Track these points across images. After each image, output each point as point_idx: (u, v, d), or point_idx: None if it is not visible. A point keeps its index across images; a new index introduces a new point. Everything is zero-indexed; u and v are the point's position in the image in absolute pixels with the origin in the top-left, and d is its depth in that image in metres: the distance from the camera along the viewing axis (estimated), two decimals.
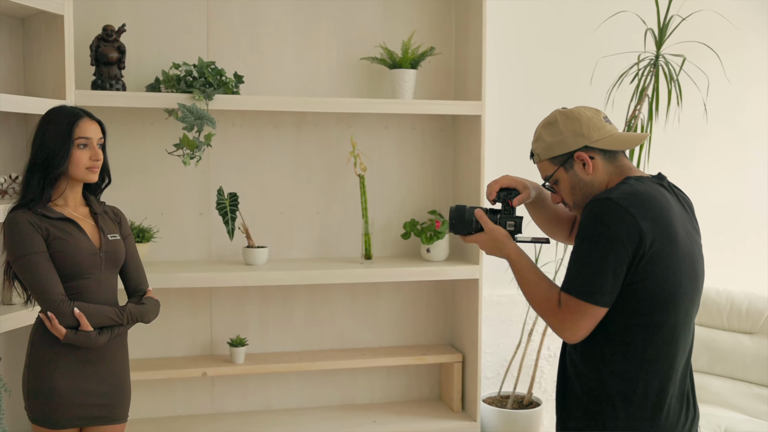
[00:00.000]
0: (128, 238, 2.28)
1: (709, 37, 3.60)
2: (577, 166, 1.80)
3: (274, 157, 3.53)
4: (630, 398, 1.70)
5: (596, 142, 1.79)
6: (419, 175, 3.68)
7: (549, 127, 1.84)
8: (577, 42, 3.80)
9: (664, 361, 1.71)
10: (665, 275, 1.68)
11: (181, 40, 3.37)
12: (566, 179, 1.82)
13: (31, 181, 2.09)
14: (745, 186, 4.11)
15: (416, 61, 3.42)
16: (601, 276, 1.65)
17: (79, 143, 2.10)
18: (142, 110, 3.28)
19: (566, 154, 1.80)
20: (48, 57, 2.91)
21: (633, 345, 1.70)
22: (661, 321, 1.69)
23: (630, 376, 1.71)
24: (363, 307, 3.68)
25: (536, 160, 1.88)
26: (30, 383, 2.13)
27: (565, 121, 1.80)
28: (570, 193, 1.83)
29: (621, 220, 1.65)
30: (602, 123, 1.81)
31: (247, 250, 3.33)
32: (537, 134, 1.87)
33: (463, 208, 1.94)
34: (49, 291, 2.05)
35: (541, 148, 1.84)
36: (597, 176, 1.80)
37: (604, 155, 1.80)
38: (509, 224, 1.92)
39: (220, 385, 3.54)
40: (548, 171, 1.85)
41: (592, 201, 1.72)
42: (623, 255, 1.65)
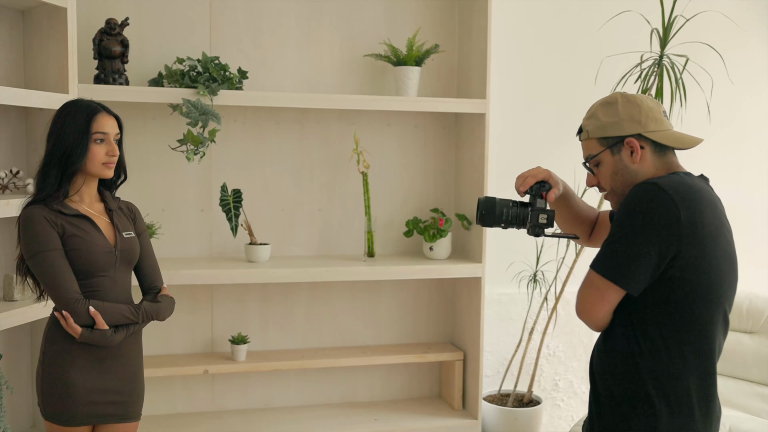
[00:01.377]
0: (143, 234, 2.25)
1: (712, 37, 3.61)
2: (625, 152, 1.75)
3: (275, 154, 3.51)
4: (669, 397, 1.67)
5: (651, 132, 1.74)
6: (421, 173, 3.67)
7: (607, 106, 1.78)
8: (580, 42, 3.80)
9: (702, 357, 1.68)
10: (706, 270, 1.64)
11: (183, 35, 3.34)
12: (610, 163, 1.77)
13: (48, 176, 2.06)
14: (746, 185, 4.13)
15: (421, 58, 3.41)
16: (635, 259, 1.62)
17: (96, 138, 2.08)
18: (144, 105, 3.25)
19: (618, 137, 1.75)
20: (50, 50, 2.88)
21: (667, 339, 1.66)
22: (700, 316, 1.66)
23: (669, 373, 1.67)
24: (364, 305, 3.67)
25: (584, 137, 1.82)
26: (44, 380, 2.10)
27: (625, 104, 1.76)
28: (610, 177, 1.79)
29: (664, 207, 1.61)
30: (661, 116, 1.77)
31: (249, 247, 3.31)
32: (592, 111, 1.81)
33: (494, 201, 1.88)
34: (65, 289, 2.02)
35: (593, 125, 1.79)
36: (642, 167, 1.75)
37: (655, 148, 1.75)
38: (542, 217, 1.87)
39: (221, 383, 3.52)
40: (593, 150, 1.80)
41: (638, 185, 1.68)
42: (656, 241, 1.61)
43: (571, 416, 3.94)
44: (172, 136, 3.25)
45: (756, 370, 3.20)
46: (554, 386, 3.91)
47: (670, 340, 1.67)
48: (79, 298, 2.02)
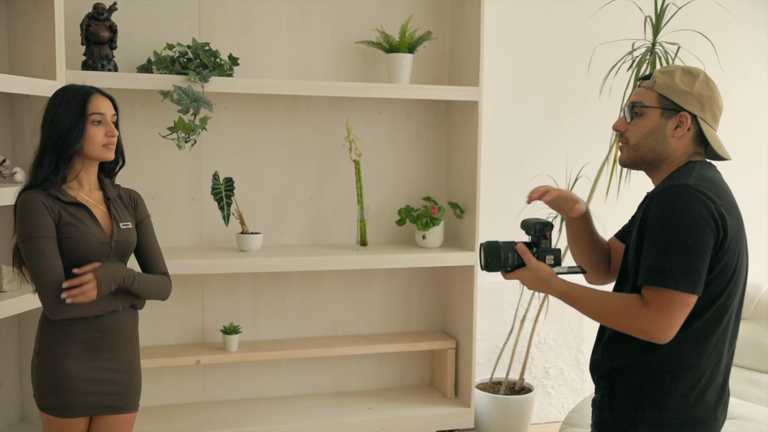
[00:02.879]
0: (145, 220, 2.20)
1: (704, 25, 3.62)
2: (672, 122, 1.73)
3: (266, 142, 3.46)
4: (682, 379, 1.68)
5: (704, 122, 1.74)
6: (413, 162, 3.65)
7: (687, 75, 1.75)
8: (572, 29, 3.79)
9: (722, 344, 1.70)
10: (734, 261, 1.66)
11: (172, 21, 3.28)
12: (654, 121, 1.74)
13: (44, 161, 2.01)
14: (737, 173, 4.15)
15: (413, 45, 3.38)
16: (694, 262, 1.60)
17: (93, 119, 2.03)
18: (132, 92, 3.19)
19: (677, 105, 1.72)
20: (36, 35, 2.81)
21: (690, 331, 1.67)
22: (721, 304, 1.67)
23: (685, 360, 1.67)
24: (356, 294, 3.65)
25: (649, 84, 1.76)
26: (40, 371, 2.06)
27: (703, 84, 1.74)
28: (644, 134, 1.75)
29: (705, 205, 1.61)
30: (719, 116, 1.78)
31: (241, 237, 3.27)
32: (671, 69, 1.77)
33: (497, 245, 1.83)
34: (47, 279, 1.97)
35: (665, 81, 1.74)
36: (676, 144, 1.74)
37: (696, 136, 1.75)
38: (548, 258, 1.83)
39: (212, 373, 3.49)
40: (647, 101, 1.75)
41: (670, 188, 1.65)
42: (710, 239, 1.61)
43: (562, 403, 3.96)
44: (161, 123, 3.19)
45: (747, 356, 3.22)
46: (545, 374, 3.92)
47: (693, 330, 1.67)
48: (60, 290, 1.97)
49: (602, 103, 3.62)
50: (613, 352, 1.77)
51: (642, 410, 1.70)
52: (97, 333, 2.06)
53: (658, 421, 1.68)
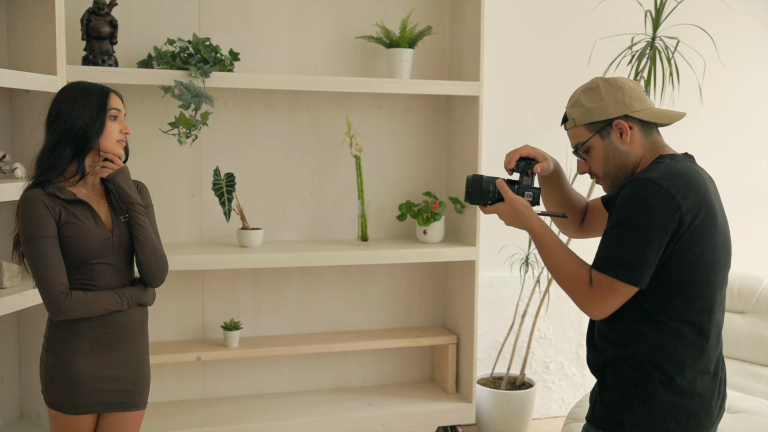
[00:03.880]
0: (148, 209, 2.18)
1: (704, 19, 3.62)
2: (614, 135, 1.76)
3: (266, 138, 3.45)
4: (669, 372, 1.69)
5: (637, 112, 1.75)
6: (413, 157, 3.65)
7: (589, 92, 1.78)
8: (572, 24, 3.80)
9: (707, 334, 1.70)
10: (703, 252, 1.67)
11: (172, 16, 3.27)
12: (600, 147, 1.78)
13: (60, 156, 1.99)
14: (736, 168, 4.17)
15: (414, 40, 3.37)
16: (641, 257, 1.64)
17: (111, 115, 2.04)
18: (132, 87, 3.17)
19: (605, 120, 1.76)
20: (36, 31, 2.80)
21: (672, 323, 1.69)
22: (698, 295, 1.68)
23: (666, 350, 1.69)
24: (356, 290, 3.64)
25: (570, 125, 1.81)
26: (48, 367, 2.04)
27: (608, 88, 1.77)
28: (602, 162, 1.79)
29: (662, 200, 1.63)
30: (643, 95, 1.79)
31: (242, 232, 3.26)
32: (575, 99, 1.81)
33: (481, 178, 1.88)
34: (50, 280, 1.96)
35: (578, 113, 1.79)
36: (632, 147, 1.77)
37: (642, 127, 1.77)
38: (527, 194, 1.86)
39: (213, 370, 3.48)
40: (582, 137, 1.79)
41: (632, 181, 1.69)
42: (663, 236, 1.64)
43: (562, 398, 3.96)
44: (161, 119, 3.18)
45: (748, 349, 3.23)
46: (545, 369, 3.93)
47: (673, 322, 1.69)
48: (64, 291, 1.96)
49: None
50: (601, 344, 1.79)
51: (631, 402, 1.72)
52: (107, 329, 2.05)
53: (648, 413, 1.70)
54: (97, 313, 2.02)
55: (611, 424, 1.74)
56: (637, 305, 1.70)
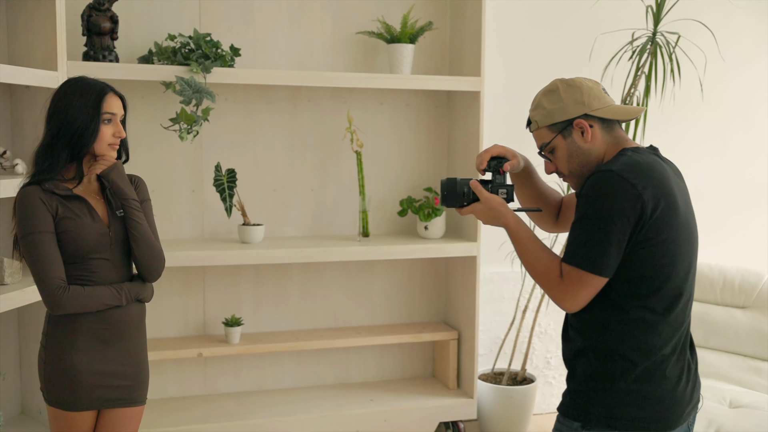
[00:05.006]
0: (146, 202, 2.17)
1: (704, 14, 3.62)
2: (576, 134, 1.82)
3: (267, 133, 3.45)
4: (633, 359, 1.73)
5: (596, 110, 1.81)
6: (414, 152, 3.64)
7: (549, 94, 1.84)
8: (573, 19, 3.79)
9: (672, 323, 1.75)
10: (665, 241, 1.71)
11: (172, 12, 3.26)
12: (564, 147, 1.83)
13: (57, 157, 1.99)
14: (736, 162, 4.17)
15: (415, 35, 3.37)
16: (606, 247, 1.68)
17: (105, 118, 2.02)
18: (133, 83, 3.16)
19: (566, 121, 1.81)
20: (36, 26, 2.79)
21: (635, 311, 1.73)
22: (660, 286, 1.72)
23: (633, 340, 1.74)
24: (357, 286, 3.64)
25: (534, 127, 1.88)
26: (47, 364, 2.04)
27: (567, 89, 1.82)
28: (567, 161, 1.84)
29: (624, 192, 1.67)
30: (602, 93, 1.84)
31: (243, 228, 3.26)
32: (536, 102, 1.87)
33: (454, 181, 1.92)
34: (48, 275, 1.96)
35: (540, 115, 1.85)
36: (595, 145, 1.82)
37: (603, 125, 1.82)
38: (501, 192, 1.92)
39: (214, 366, 3.48)
40: (546, 138, 1.85)
41: (594, 173, 1.73)
42: (626, 226, 1.68)
43: None
44: (162, 114, 3.17)
45: (749, 344, 3.24)
46: (546, 364, 3.93)
47: (632, 310, 1.73)
48: (62, 285, 1.96)
49: None
50: (572, 336, 1.84)
51: (595, 391, 1.76)
52: (105, 325, 2.04)
53: (612, 400, 1.74)
54: (95, 308, 2.01)
55: (578, 413, 1.78)
56: (602, 295, 1.74)
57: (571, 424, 1.78)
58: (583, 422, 1.76)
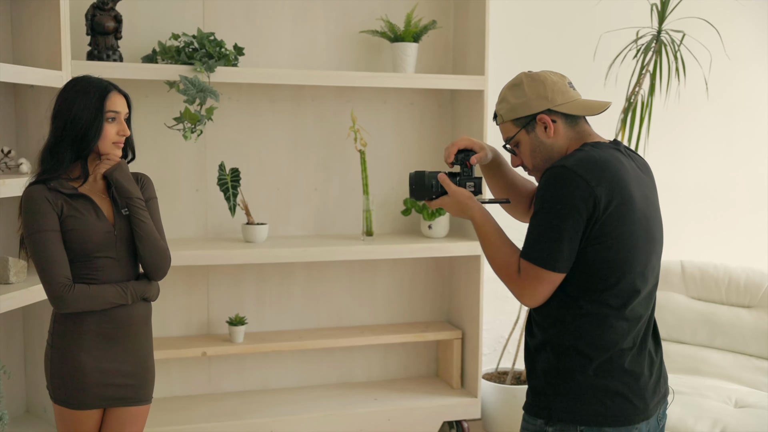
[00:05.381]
0: (151, 201, 2.17)
1: (709, 13, 3.61)
2: (539, 129, 1.81)
3: (270, 132, 3.45)
4: (588, 354, 1.74)
5: (559, 106, 1.80)
6: (417, 151, 3.64)
7: (514, 89, 1.84)
8: (578, 17, 3.78)
9: (619, 319, 1.74)
10: (620, 237, 1.71)
11: (176, 11, 3.26)
12: (527, 142, 1.83)
13: (61, 157, 1.99)
14: (741, 161, 4.16)
15: (418, 34, 3.37)
16: (559, 243, 1.68)
17: (108, 117, 2.02)
18: (137, 82, 3.17)
19: (529, 116, 1.81)
20: (40, 25, 2.79)
21: (590, 306, 1.73)
22: (616, 282, 1.72)
23: (588, 335, 1.74)
24: (361, 285, 3.64)
25: (499, 121, 1.88)
26: (54, 362, 2.04)
27: (530, 84, 1.82)
28: (530, 155, 1.85)
29: (576, 187, 1.67)
30: (566, 88, 1.83)
31: (247, 227, 3.26)
32: (502, 95, 1.87)
33: (422, 174, 1.93)
34: (54, 274, 1.96)
35: (504, 109, 1.85)
36: (557, 140, 1.82)
37: (566, 120, 1.82)
38: (468, 185, 1.92)
39: (218, 365, 3.48)
40: (510, 132, 1.85)
41: (549, 169, 1.74)
42: (579, 221, 1.68)
43: None
44: (166, 114, 3.18)
45: (755, 343, 3.23)
46: None
47: (588, 306, 1.73)
48: (67, 284, 1.97)
49: (608, 92, 3.59)
50: (530, 331, 1.85)
51: (556, 388, 1.76)
52: (111, 324, 2.05)
53: (572, 396, 1.75)
54: (101, 306, 2.02)
55: (540, 410, 1.79)
56: (559, 290, 1.74)
57: (534, 421, 1.80)
58: (546, 419, 1.77)
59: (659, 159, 3.94)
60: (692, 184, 4.09)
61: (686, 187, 4.09)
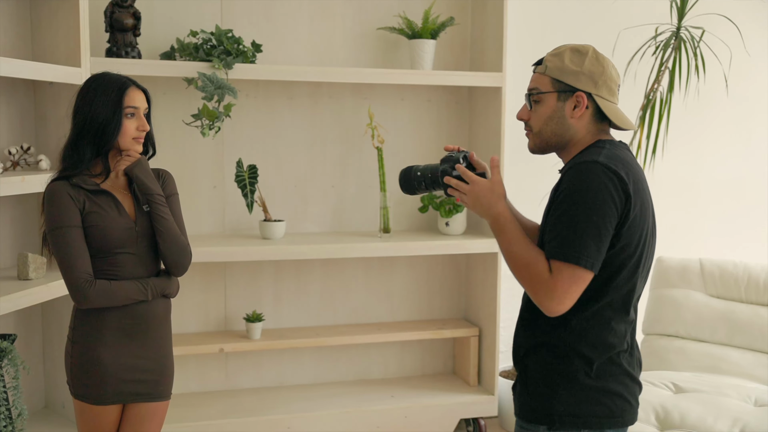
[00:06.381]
0: (172, 197, 2.18)
1: (729, 9, 3.58)
2: (570, 104, 1.74)
3: (288, 129, 3.45)
4: (590, 357, 1.70)
5: (600, 98, 1.74)
6: (435, 148, 3.63)
7: (576, 54, 1.76)
8: (596, 13, 3.76)
9: (620, 321, 1.72)
10: (637, 241, 1.68)
11: (194, 8, 3.27)
12: (551, 106, 1.76)
13: (82, 153, 2.00)
14: (761, 158, 4.12)
15: (436, 31, 3.36)
16: (598, 239, 1.61)
17: (127, 112, 2.02)
18: (155, 79, 3.17)
19: (571, 87, 1.74)
20: (60, 22, 2.80)
21: (597, 308, 1.69)
22: (622, 284, 1.70)
23: (591, 337, 1.70)
24: (378, 282, 3.64)
25: (541, 70, 1.79)
26: (74, 358, 2.05)
27: (593, 60, 1.75)
28: (544, 120, 1.77)
29: (611, 181, 1.63)
30: (615, 88, 1.78)
31: (264, 224, 3.26)
32: (560, 51, 1.79)
33: (410, 167, 1.89)
34: (75, 269, 1.97)
35: (555, 64, 1.76)
36: (578, 124, 1.75)
37: (595, 113, 1.76)
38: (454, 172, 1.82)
39: (235, 361, 3.49)
40: (543, 87, 1.77)
41: (579, 164, 1.67)
42: (613, 217, 1.63)
43: None
44: (183, 110, 3.18)
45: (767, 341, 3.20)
46: None
47: (598, 305, 1.69)
48: (89, 279, 1.97)
49: (627, 89, 3.57)
50: (525, 333, 1.80)
51: (557, 391, 1.72)
52: (131, 320, 2.06)
53: (574, 400, 1.71)
54: (122, 302, 2.02)
55: (542, 416, 1.73)
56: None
57: (536, 428, 1.74)
58: (548, 424, 1.72)
59: (678, 156, 3.93)
60: (711, 181, 4.06)
61: (706, 184, 4.06)
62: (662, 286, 3.46)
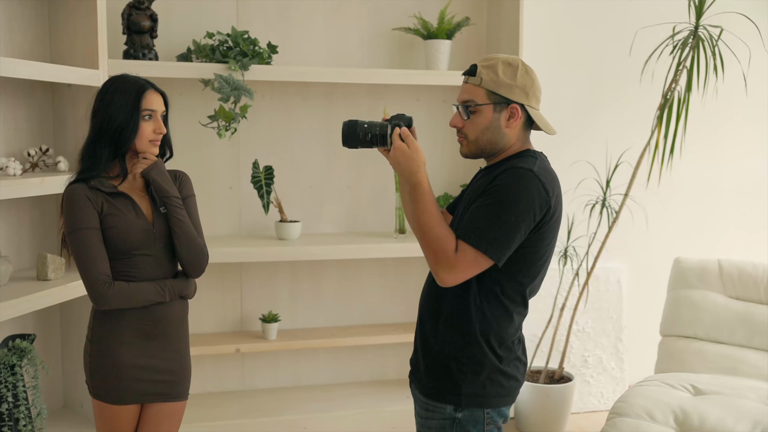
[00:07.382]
0: (189, 198, 2.19)
1: (747, 7, 3.54)
2: (505, 115, 1.85)
3: (303, 130, 3.46)
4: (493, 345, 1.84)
5: (531, 108, 1.86)
6: (450, 149, 3.62)
7: (509, 67, 1.85)
8: (614, 12, 3.74)
9: (520, 315, 1.89)
10: (548, 245, 1.85)
11: (210, 9, 3.28)
12: (488, 118, 1.85)
13: (99, 155, 2.01)
14: None
15: (452, 31, 3.35)
16: (509, 237, 1.75)
17: (144, 115, 2.03)
18: (171, 81, 3.19)
19: (507, 99, 1.84)
20: (77, 25, 2.83)
21: (506, 301, 1.83)
22: (528, 282, 1.85)
23: (497, 327, 1.84)
24: (393, 282, 3.64)
25: (475, 82, 1.85)
26: (93, 358, 2.07)
27: (523, 74, 1.85)
28: (480, 130, 1.87)
29: (538, 193, 1.77)
30: (540, 97, 1.90)
31: (280, 225, 3.27)
32: (492, 63, 1.86)
33: (356, 121, 1.94)
34: (94, 270, 1.98)
35: (489, 77, 1.84)
36: (510, 133, 1.86)
37: (525, 122, 1.88)
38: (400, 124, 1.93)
39: (251, 362, 3.50)
40: (478, 98, 1.85)
41: (516, 169, 1.79)
42: (530, 224, 1.77)
43: (601, 392, 3.92)
44: (200, 112, 3.20)
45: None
46: (584, 362, 3.89)
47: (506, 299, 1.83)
48: (107, 281, 1.99)
49: (643, 88, 3.56)
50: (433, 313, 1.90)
51: (465, 373, 1.85)
52: (148, 321, 2.07)
53: (479, 381, 1.85)
54: (140, 303, 2.03)
55: (450, 396, 1.87)
56: (475, 281, 1.81)
57: (443, 408, 1.87)
58: (455, 404, 1.86)
59: (696, 156, 3.89)
60: (730, 182, 4.02)
61: (724, 185, 4.03)
62: (680, 287, 3.44)
